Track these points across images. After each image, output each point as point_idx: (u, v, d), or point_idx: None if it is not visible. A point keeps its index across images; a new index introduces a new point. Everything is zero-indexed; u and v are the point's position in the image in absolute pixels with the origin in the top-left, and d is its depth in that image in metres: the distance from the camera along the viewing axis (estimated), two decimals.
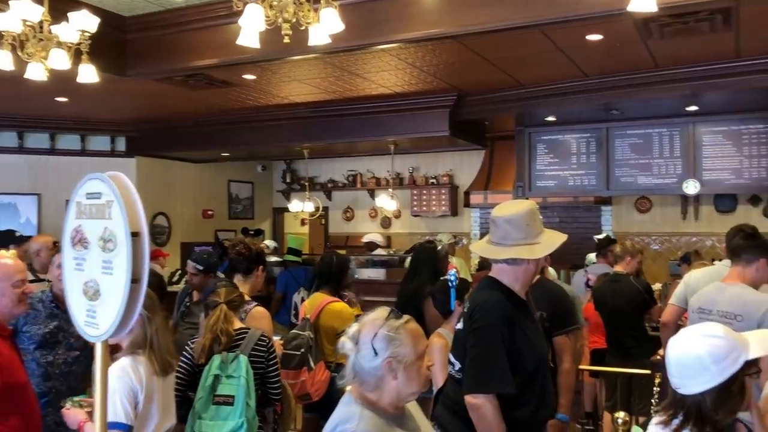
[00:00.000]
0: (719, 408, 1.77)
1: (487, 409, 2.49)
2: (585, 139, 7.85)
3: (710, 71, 5.99)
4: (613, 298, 5.17)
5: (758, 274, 3.41)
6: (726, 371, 1.77)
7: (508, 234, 2.65)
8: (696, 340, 1.84)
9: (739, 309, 3.30)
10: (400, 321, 2.04)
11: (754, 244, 3.44)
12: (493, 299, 2.64)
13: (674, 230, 8.39)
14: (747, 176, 7.16)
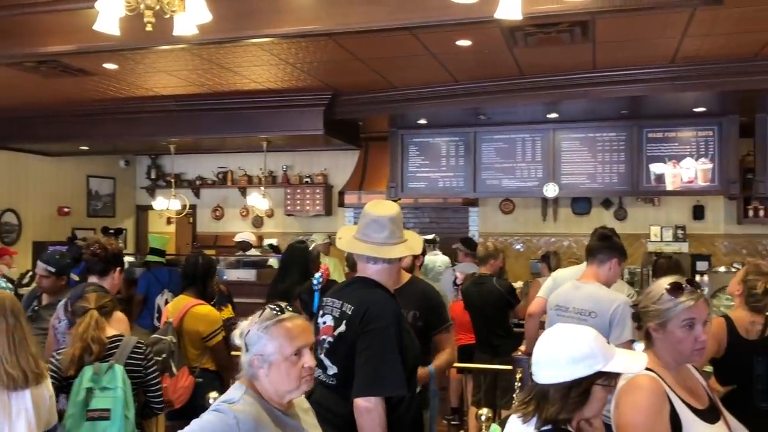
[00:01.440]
0: (557, 403, 1.85)
1: (378, 412, 2.46)
2: (454, 143, 8.07)
3: (570, 81, 6.34)
4: (480, 299, 5.36)
5: (611, 273, 3.62)
6: (575, 373, 1.85)
7: (394, 233, 2.70)
8: (563, 336, 1.93)
9: (593, 306, 3.50)
10: (272, 319, 2.02)
11: (607, 245, 3.65)
12: (383, 299, 2.64)
13: (535, 231, 8.83)
14: (600, 181, 7.66)
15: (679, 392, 2.11)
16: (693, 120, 7.27)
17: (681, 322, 2.11)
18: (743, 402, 3.42)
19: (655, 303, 2.17)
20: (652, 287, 2.25)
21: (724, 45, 5.42)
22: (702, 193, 7.63)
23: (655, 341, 2.18)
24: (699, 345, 2.13)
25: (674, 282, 2.17)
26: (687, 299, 2.13)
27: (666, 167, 7.39)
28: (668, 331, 2.14)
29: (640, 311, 2.24)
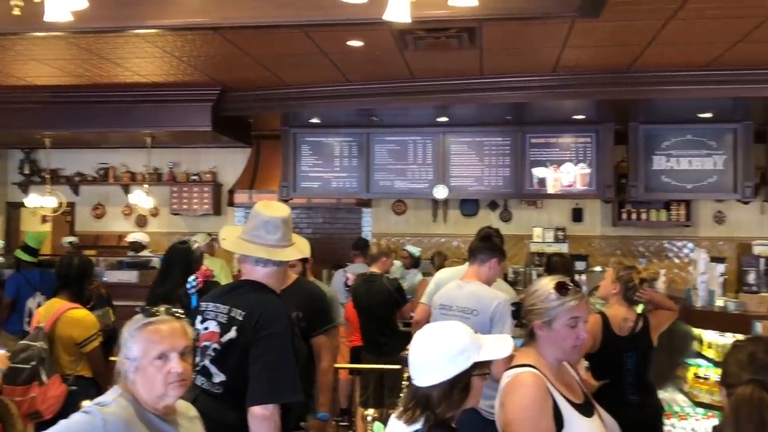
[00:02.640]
0: (443, 401, 1.86)
1: (275, 420, 2.39)
2: (348, 143, 8.08)
3: (458, 86, 6.49)
4: (368, 297, 5.38)
5: (491, 273, 3.74)
6: (455, 369, 1.87)
7: (286, 235, 2.64)
8: (435, 336, 1.94)
9: (475, 304, 3.59)
10: (139, 322, 1.98)
11: (488, 246, 3.77)
12: (276, 304, 2.57)
13: (426, 231, 8.97)
14: (487, 184, 7.91)
15: (560, 387, 2.18)
16: (573, 127, 7.65)
17: (566, 320, 2.19)
18: (615, 395, 3.62)
19: (543, 302, 2.23)
20: (537, 286, 2.31)
21: (601, 56, 5.74)
22: (580, 197, 8.04)
23: (539, 339, 2.24)
24: (578, 342, 2.22)
25: (561, 281, 2.24)
26: (572, 299, 2.20)
27: (547, 171, 7.74)
28: (553, 329, 2.20)
29: (525, 309, 2.30)
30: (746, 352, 1.73)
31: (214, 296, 2.75)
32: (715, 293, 4.54)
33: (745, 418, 1.61)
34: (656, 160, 7.54)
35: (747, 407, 1.62)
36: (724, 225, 8.32)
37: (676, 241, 8.46)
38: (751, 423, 1.60)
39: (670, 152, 7.53)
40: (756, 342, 1.79)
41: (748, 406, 1.62)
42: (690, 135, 7.49)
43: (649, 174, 7.54)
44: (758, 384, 1.64)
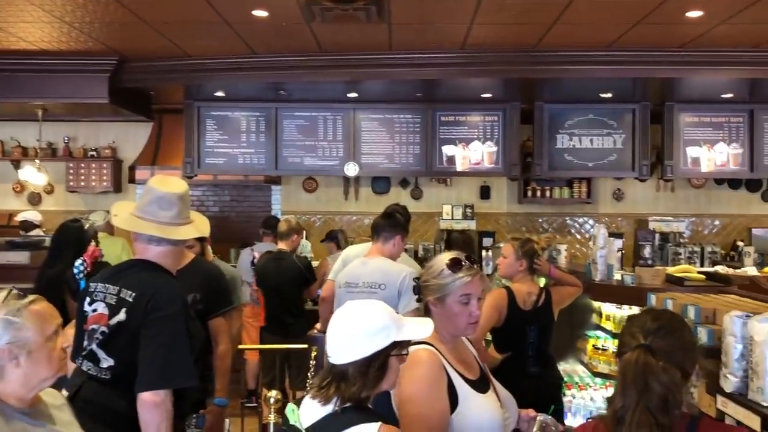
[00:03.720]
0: (359, 380, 1.83)
1: (167, 406, 2.26)
2: (255, 118, 7.85)
3: (367, 61, 6.40)
4: (276, 275, 5.25)
5: (395, 249, 3.80)
6: (373, 347, 1.83)
7: (182, 212, 2.49)
8: (356, 313, 1.90)
9: (382, 279, 3.61)
10: (21, 302, 1.82)
11: (391, 223, 3.82)
12: (170, 284, 2.43)
13: (337, 209, 8.89)
14: (398, 161, 7.90)
15: (455, 364, 2.17)
16: (481, 105, 7.74)
17: (458, 297, 2.18)
18: (516, 367, 3.70)
19: (436, 278, 2.21)
20: (432, 262, 2.29)
21: (508, 34, 5.78)
22: (488, 175, 8.17)
23: (433, 315, 2.22)
24: (473, 319, 2.21)
25: (454, 258, 2.23)
26: (465, 275, 2.19)
27: (456, 149, 7.80)
28: (446, 305, 2.19)
29: (421, 285, 2.28)
30: (636, 323, 1.78)
31: (103, 277, 2.57)
32: (613, 267, 4.70)
33: (630, 382, 1.65)
34: (559, 139, 7.75)
35: (632, 371, 1.66)
36: (622, 202, 8.67)
37: (578, 218, 8.75)
38: (635, 386, 1.63)
39: (572, 131, 7.75)
40: (647, 312, 1.84)
41: (633, 369, 1.66)
42: (591, 114, 7.73)
43: (553, 152, 7.75)
44: (644, 349, 1.68)
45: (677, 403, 1.64)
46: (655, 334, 1.70)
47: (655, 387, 1.62)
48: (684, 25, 5.42)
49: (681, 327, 1.78)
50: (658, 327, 1.72)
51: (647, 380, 1.63)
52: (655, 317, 1.77)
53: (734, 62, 6.19)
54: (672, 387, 1.63)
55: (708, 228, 8.65)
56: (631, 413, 1.63)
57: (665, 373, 1.63)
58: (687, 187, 8.58)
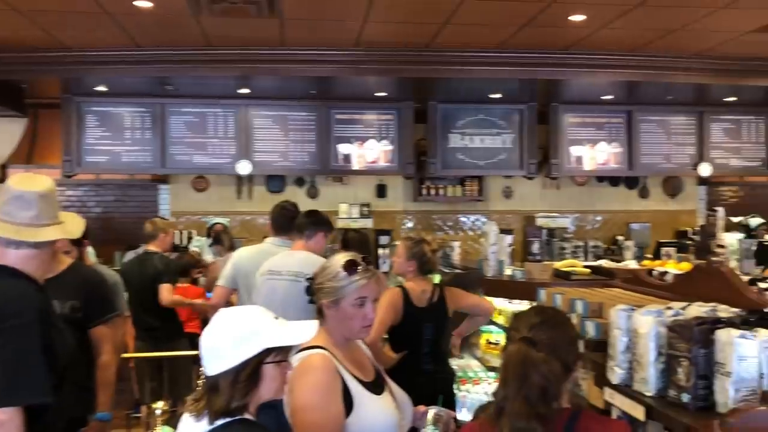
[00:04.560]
0: (227, 391, 1.73)
1: (16, 424, 2.04)
2: (140, 114, 7.48)
3: (259, 56, 6.24)
4: (140, 277, 4.97)
5: (317, 246, 3.87)
6: (241, 355, 1.73)
7: (44, 212, 2.27)
8: (225, 320, 1.80)
9: (308, 269, 3.54)
10: None
11: (312, 221, 3.89)
12: (24, 291, 2.19)
13: (230, 209, 8.62)
14: (293, 159, 7.77)
15: (349, 367, 2.12)
16: (376, 104, 7.75)
17: (353, 300, 2.13)
18: (411, 365, 3.69)
19: (331, 280, 2.16)
20: (328, 264, 2.23)
21: (401, 33, 5.81)
22: (384, 173, 8.19)
23: (327, 318, 2.17)
24: (367, 322, 2.17)
25: (350, 260, 2.17)
26: (361, 278, 2.14)
27: (352, 148, 7.77)
28: (341, 308, 2.14)
29: (315, 287, 2.21)
30: (521, 318, 1.81)
31: None
32: (504, 263, 4.80)
33: (510, 373, 1.68)
34: (452, 138, 7.89)
35: (513, 362, 1.69)
36: (512, 199, 8.94)
37: (470, 215, 8.95)
38: (515, 377, 1.66)
39: (464, 131, 7.91)
40: (532, 308, 1.89)
41: (514, 361, 1.69)
42: (482, 114, 7.92)
43: (446, 151, 7.88)
44: (526, 341, 1.70)
45: (556, 394, 1.68)
46: (538, 327, 1.73)
47: (534, 378, 1.64)
48: (568, 29, 5.64)
49: (563, 322, 1.83)
50: (541, 321, 1.76)
51: (527, 371, 1.65)
52: (539, 312, 1.82)
53: (614, 65, 6.52)
54: (551, 378, 1.66)
55: (590, 223, 9.08)
56: (511, 404, 1.65)
57: (545, 364, 1.66)
58: (571, 185, 8.96)
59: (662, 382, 1.87)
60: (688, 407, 1.74)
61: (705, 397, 1.74)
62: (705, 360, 1.75)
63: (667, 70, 6.60)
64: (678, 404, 1.77)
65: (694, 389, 1.74)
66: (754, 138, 8.36)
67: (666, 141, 8.20)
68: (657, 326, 1.89)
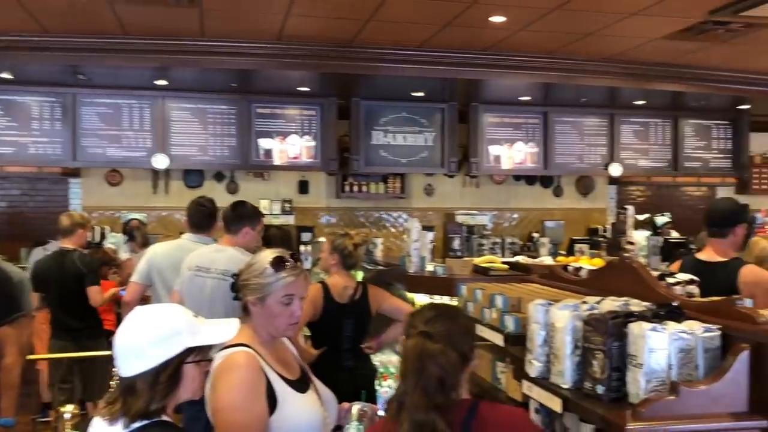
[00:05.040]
0: (146, 392, 1.67)
1: None
2: (49, 104, 7.13)
3: (177, 47, 6.04)
4: (59, 275, 4.75)
5: (246, 239, 3.77)
6: (161, 356, 1.68)
7: None
8: (143, 319, 1.74)
9: (236, 267, 3.46)
10: None
11: (237, 214, 3.80)
12: None
13: (146, 204, 8.34)
14: (212, 154, 7.59)
15: (274, 365, 2.09)
16: (298, 99, 7.67)
17: (280, 297, 2.09)
18: (332, 361, 3.68)
19: (257, 277, 2.11)
20: (254, 260, 2.19)
21: (325, 28, 5.76)
22: (306, 169, 8.12)
23: (253, 315, 2.13)
24: (293, 320, 2.14)
25: (278, 256, 2.13)
26: (288, 275, 2.11)
27: (274, 143, 7.67)
28: (267, 305, 2.10)
29: (240, 284, 2.16)
30: (418, 315, 1.85)
31: None
32: (425, 259, 4.84)
33: (409, 366, 1.71)
34: (375, 135, 7.92)
35: (411, 355, 1.72)
36: (433, 196, 9.05)
37: (393, 212, 9.00)
38: (413, 370, 1.69)
39: (387, 128, 7.95)
40: (428, 305, 1.93)
41: (412, 353, 1.72)
42: (405, 112, 7.98)
43: (369, 148, 7.89)
44: (422, 334, 1.74)
45: (454, 384, 1.71)
46: (434, 321, 1.77)
47: (431, 369, 1.68)
48: (488, 30, 5.75)
49: (457, 314, 1.89)
50: (436, 315, 1.80)
51: (424, 363, 1.68)
52: (434, 308, 1.87)
53: (532, 67, 6.70)
54: (449, 369, 1.69)
55: (508, 221, 9.31)
56: (410, 396, 1.68)
57: (442, 355, 1.70)
58: (489, 183, 9.16)
59: (578, 374, 1.93)
60: (603, 398, 1.80)
61: (618, 389, 1.81)
62: (618, 352, 1.81)
63: (580, 73, 6.84)
64: (593, 396, 1.83)
65: (608, 381, 1.81)
66: (661, 140, 8.79)
67: (579, 142, 8.51)
68: (573, 320, 1.95)
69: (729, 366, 1.69)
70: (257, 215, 3.91)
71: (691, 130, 8.85)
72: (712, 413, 1.66)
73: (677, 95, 7.73)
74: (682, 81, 7.15)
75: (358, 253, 3.94)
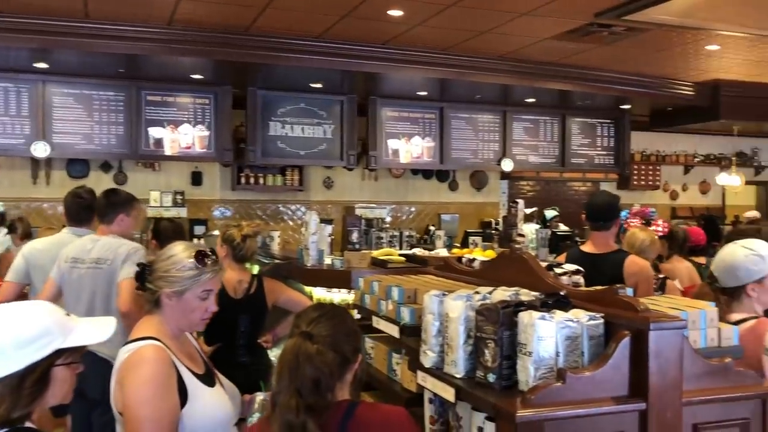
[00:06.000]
0: (9, 398, 1.55)
1: None
2: None
3: (59, 28, 5.68)
4: None
5: (122, 227, 3.70)
6: (27, 358, 1.56)
7: None
8: (7, 319, 1.60)
9: (109, 254, 3.53)
10: None
11: (108, 202, 3.72)
12: None
13: (25, 195, 7.82)
14: (98, 142, 7.20)
15: (183, 359, 2.06)
16: (191, 87, 7.41)
17: (200, 292, 2.09)
18: (226, 358, 3.57)
19: (179, 270, 2.07)
20: (172, 252, 2.13)
21: (219, 14, 5.58)
22: (199, 160, 7.86)
23: (164, 307, 2.08)
24: (207, 315, 2.14)
25: (201, 251, 2.11)
26: (210, 270, 2.11)
27: (165, 132, 7.38)
28: (184, 299, 2.07)
29: (156, 275, 2.09)
30: (302, 315, 1.84)
31: None
32: (323, 252, 4.81)
33: (285, 366, 1.70)
34: (272, 126, 7.78)
35: (288, 355, 1.71)
36: (332, 189, 9.03)
37: (291, 205, 8.90)
38: (288, 370, 1.68)
39: (285, 119, 7.83)
40: (312, 306, 1.94)
41: (289, 353, 1.71)
42: (303, 104, 7.89)
43: (266, 139, 7.75)
44: (303, 335, 1.74)
45: (330, 386, 1.71)
46: (317, 321, 1.77)
47: (306, 370, 1.67)
48: (386, 23, 5.77)
49: (341, 315, 1.87)
50: (320, 315, 1.79)
51: (300, 363, 1.68)
52: (317, 308, 1.87)
53: (429, 62, 6.79)
54: (325, 370, 1.69)
55: (405, 214, 9.43)
56: (282, 396, 1.67)
57: (319, 356, 1.69)
58: (388, 177, 9.24)
59: (471, 363, 1.95)
60: (494, 387, 1.83)
61: (509, 377, 1.85)
62: (509, 341, 1.85)
63: (475, 70, 7.02)
64: (485, 384, 1.86)
65: (499, 369, 1.84)
66: (550, 137, 9.16)
67: (473, 137, 8.73)
68: (466, 310, 1.97)
69: (611, 352, 1.76)
70: (131, 201, 3.81)
71: (577, 128, 9.28)
72: (596, 398, 1.72)
73: (564, 94, 8.08)
74: (569, 80, 7.48)
75: (248, 244, 3.82)
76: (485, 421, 1.85)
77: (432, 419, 2.20)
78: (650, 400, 1.74)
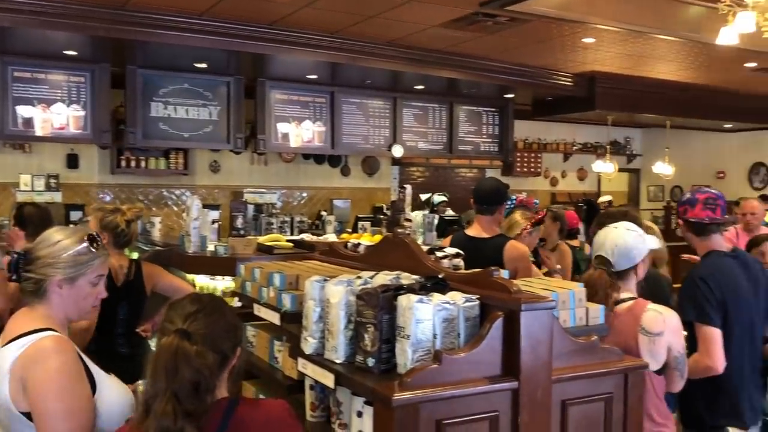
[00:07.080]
0: None
1: None
2: None
3: None
4: None
5: None
6: None
7: None
8: None
9: None
10: None
11: None
12: None
13: None
14: None
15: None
16: (65, 63, 6.95)
17: (93, 278, 2.02)
18: (106, 348, 3.39)
19: (71, 255, 1.97)
20: (55, 238, 1.99)
21: None
22: (74, 141, 7.41)
23: (51, 295, 1.96)
24: (97, 302, 2.08)
25: (91, 234, 2.03)
26: (102, 254, 2.05)
27: (35, 111, 6.88)
28: (76, 286, 1.99)
29: (42, 262, 1.96)
30: (177, 308, 1.72)
31: None
32: (207, 238, 4.65)
33: (161, 369, 1.58)
34: (154, 107, 7.43)
35: (164, 355, 1.60)
36: (219, 174, 8.78)
37: (175, 189, 8.58)
38: (165, 373, 1.58)
39: (167, 100, 7.50)
40: (189, 297, 1.78)
41: (165, 354, 1.60)
42: (187, 84, 7.59)
43: (148, 120, 7.40)
44: (180, 333, 1.63)
45: (210, 387, 1.62)
46: (194, 318, 1.66)
47: (185, 373, 1.57)
48: (273, 3, 5.64)
49: (220, 309, 1.75)
50: (197, 310, 1.68)
51: (178, 366, 1.57)
52: (195, 300, 1.74)
53: (317, 45, 6.71)
54: (205, 372, 1.60)
55: (297, 199, 9.33)
56: (159, 401, 1.56)
57: (199, 357, 1.60)
58: (278, 161, 9.10)
59: (351, 349, 1.94)
60: (373, 371, 1.83)
61: (388, 360, 1.85)
62: (389, 325, 1.85)
63: (364, 55, 7.01)
64: (364, 369, 1.85)
65: (378, 353, 1.84)
66: (438, 124, 9.33)
67: (364, 123, 8.74)
68: (347, 295, 1.96)
69: (485, 333, 1.80)
70: None
71: (464, 116, 9.51)
72: (471, 378, 1.76)
73: (452, 82, 8.24)
74: (456, 68, 7.64)
75: (131, 229, 3.64)
76: (364, 405, 1.85)
77: (313, 406, 2.18)
78: (522, 379, 1.79)
